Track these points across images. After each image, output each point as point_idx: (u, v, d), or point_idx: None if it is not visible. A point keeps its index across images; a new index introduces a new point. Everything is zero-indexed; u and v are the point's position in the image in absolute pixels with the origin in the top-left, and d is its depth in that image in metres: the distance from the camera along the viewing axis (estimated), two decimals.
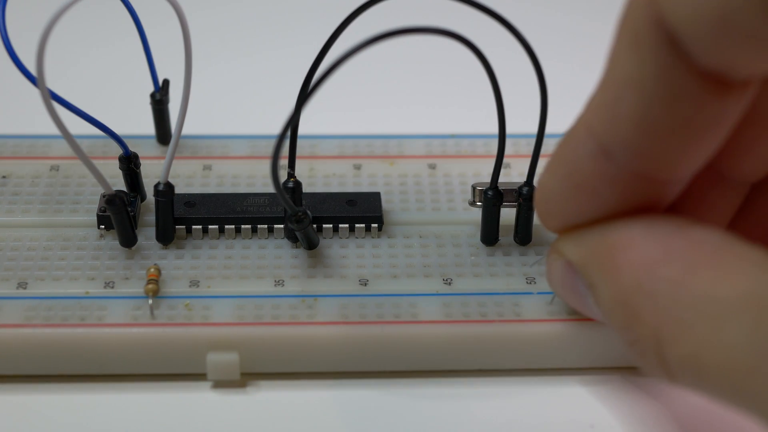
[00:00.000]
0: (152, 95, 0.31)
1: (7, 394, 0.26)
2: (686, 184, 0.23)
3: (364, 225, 0.29)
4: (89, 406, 0.26)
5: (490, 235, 0.29)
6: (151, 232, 0.28)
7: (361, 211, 0.29)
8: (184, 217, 0.29)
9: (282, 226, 0.29)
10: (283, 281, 0.27)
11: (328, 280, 0.28)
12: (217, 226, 0.29)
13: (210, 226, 0.29)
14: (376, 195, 0.30)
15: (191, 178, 0.31)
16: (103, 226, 0.28)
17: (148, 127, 0.31)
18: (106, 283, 0.27)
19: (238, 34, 0.41)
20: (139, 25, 0.29)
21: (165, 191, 0.28)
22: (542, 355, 0.27)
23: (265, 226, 0.29)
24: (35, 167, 0.31)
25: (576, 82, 0.30)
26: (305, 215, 0.27)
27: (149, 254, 0.28)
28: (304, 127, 0.28)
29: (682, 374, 0.21)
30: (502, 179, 0.28)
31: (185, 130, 0.28)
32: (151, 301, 0.27)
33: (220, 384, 0.27)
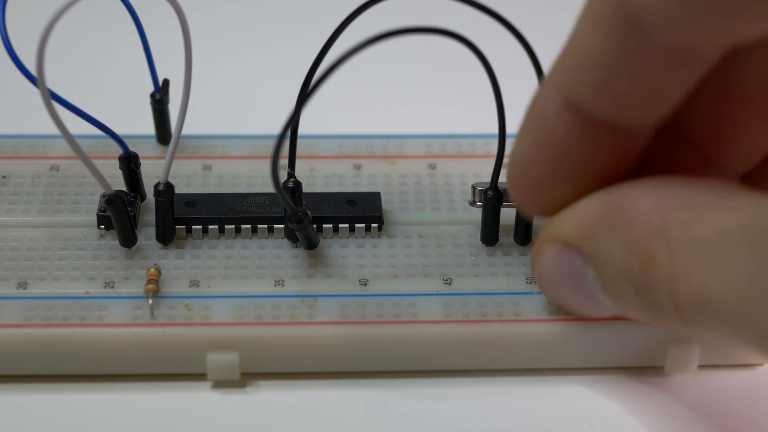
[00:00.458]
0: (152, 95, 0.31)
1: (7, 394, 0.26)
2: (650, 139, 0.24)
3: (364, 225, 0.29)
4: (89, 406, 0.26)
5: (490, 235, 0.29)
6: (151, 232, 0.28)
7: (361, 211, 0.29)
8: (184, 217, 0.29)
9: (282, 226, 0.29)
10: (283, 281, 0.27)
11: (328, 280, 0.28)
12: (217, 226, 0.29)
13: (210, 226, 0.29)
14: (376, 195, 0.30)
15: (191, 178, 0.31)
16: (103, 226, 0.28)
17: (148, 127, 0.31)
18: (106, 283, 0.27)
19: (238, 34, 0.41)
20: (139, 25, 0.29)
21: (165, 191, 0.28)
22: (542, 355, 0.27)
23: (265, 226, 0.29)
24: (35, 167, 0.31)
25: None
26: (305, 215, 0.27)
27: (149, 254, 0.28)
28: (304, 127, 0.28)
29: (691, 311, 0.21)
30: (502, 179, 0.28)
31: (185, 130, 0.28)
32: (151, 301, 0.27)
33: (220, 384, 0.27)
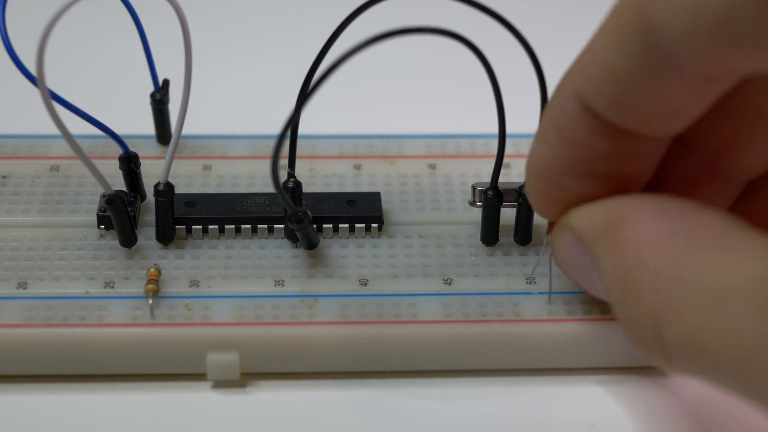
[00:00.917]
0: (152, 95, 0.31)
1: (7, 394, 0.26)
2: (667, 149, 0.24)
3: (364, 225, 0.29)
4: (89, 406, 0.26)
5: (490, 235, 0.29)
6: (151, 232, 0.28)
7: (361, 211, 0.29)
8: (184, 217, 0.29)
9: (282, 226, 0.29)
10: (283, 281, 0.27)
11: (328, 280, 0.28)
12: (217, 226, 0.29)
13: (210, 226, 0.29)
14: (376, 195, 0.29)
15: (191, 178, 0.31)
16: (103, 226, 0.28)
17: (148, 127, 0.31)
18: (106, 283, 0.27)
19: (238, 34, 0.41)
20: (139, 25, 0.29)
21: (165, 191, 0.28)
22: (542, 355, 0.27)
23: (265, 226, 0.29)
24: (35, 167, 0.31)
25: None
26: (305, 215, 0.27)
27: (149, 254, 0.28)
28: (304, 127, 0.28)
29: (680, 356, 0.20)
30: (502, 179, 0.28)
31: (185, 130, 0.28)
32: (151, 301, 0.27)
33: (220, 384, 0.27)
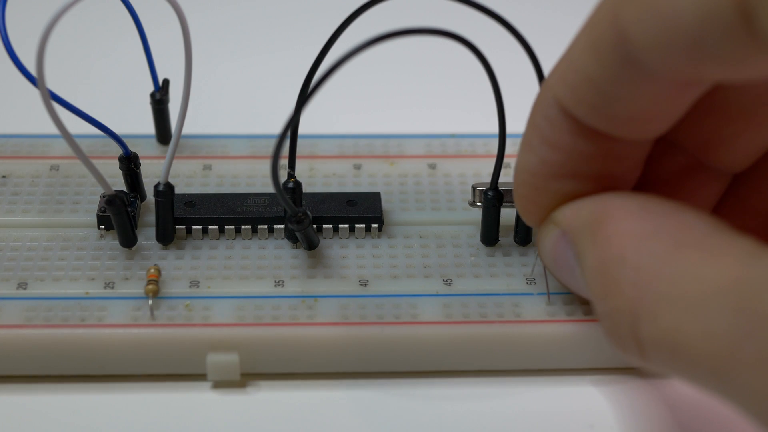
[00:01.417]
0: (152, 95, 0.31)
1: (7, 394, 0.26)
2: (649, 149, 0.24)
3: (364, 225, 0.29)
4: (89, 406, 0.26)
5: (490, 235, 0.29)
6: (151, 232, 0.28)
7: (361, 212, 0.29)
8: (184, 217, 0.29)
9: (282, 227, 0.29)
10: (283, 282, 0.27)
11: (328, 280, 0.28)
12: (217, 226, 0.29)
13: (210, 226, 0.29)
14: (376, 195, 0.29)
15: (191, 178, 0.31)
16: (103, 226, 0.28)
17: (148, 127, 0.31)
18: (106, 284, 0.27)
19: (238, 34, 0.41)
20: (139, 25, 0.29)
21: (165, 191, 0.28)
22: (542, 355, 0.27)
23: (265, 227, 0.29)
24: (35, 167, 0.31)
25: None
26: (305, 216, 0.27)
27: (149, 254, 0.28)
28: (304, 127, 0.28)
29: (655, 352, 0.20)
30: (502, 179, 0.28)
31: (185, 130, 0.28)
32: (151, 302, 0.27)
33: (220, 384, 0.27)
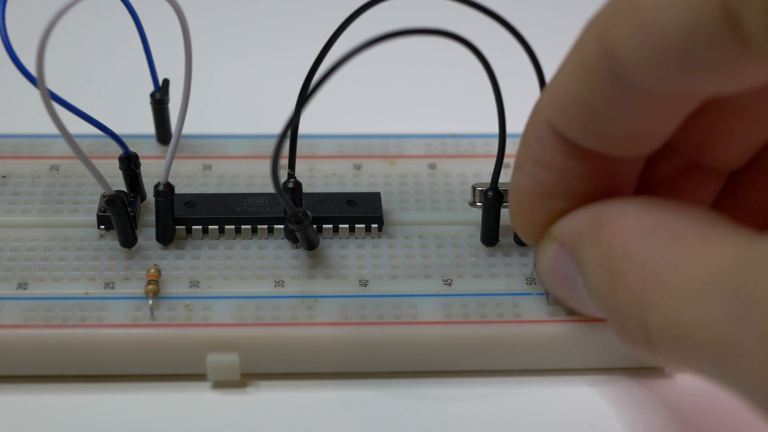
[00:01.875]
0: (152, 95, 0.31)
1: (7, 394, 0.26)
2: (644, 163, 0.24)
3: (364, 225, 0.29)
4: (89, 406, 0.26)
5: (490, 235, 0.29)
6: (151, 232, 0.28)
7: (361, 212, 0.29)
8: (184, 217, 0.29)
9: (282, 227, 0.29)
10: (283, 282, 0.27)
11: (328, 280, 0.28)
12: (217, 227, 0.29)
13: (210, 227, 0.29)
14: (376, 195, 0.29)
15: (191, 178, 0.31)
16: (103, 226, 0.28)
17: (148, 127, 0.31)
18: (106, 284, 0.27)
19: (238, 34, 0.41)
20: (139, 25, 0.29)
21: (165, 191, 0.28)
22: (542, 355, 0.27)
23: (265, 227, 0.29)
24: (35, 167, 0.31)
25: None
26: (305, 216, 0.27)
27: (149, 254, 0.28)
28: (304, 127, 0.28)
29: (661, 341, 0.21)
30: (502, 179, 0.28)
31: (185, 130, 0.28)
32: (151, 302, 0.27)
33: (220, 384, 0.27)
